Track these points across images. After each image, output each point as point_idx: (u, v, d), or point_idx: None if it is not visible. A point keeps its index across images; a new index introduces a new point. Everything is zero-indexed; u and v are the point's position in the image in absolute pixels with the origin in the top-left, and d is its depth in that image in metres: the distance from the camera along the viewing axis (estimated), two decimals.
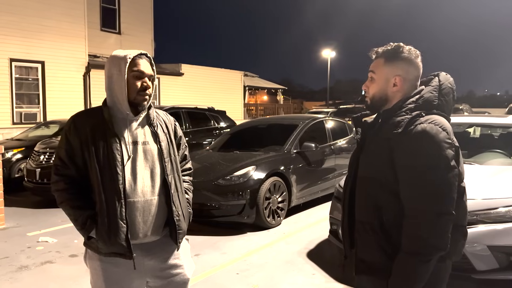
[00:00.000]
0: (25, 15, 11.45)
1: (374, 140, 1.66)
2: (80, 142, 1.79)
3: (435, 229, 1.48)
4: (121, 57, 1.81)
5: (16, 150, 7.95)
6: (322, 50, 34.24)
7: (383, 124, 1.65)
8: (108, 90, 1.85)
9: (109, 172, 1.76)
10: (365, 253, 1.65)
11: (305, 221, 5.69)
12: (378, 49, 1.71)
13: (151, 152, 1.86)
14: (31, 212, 6.27)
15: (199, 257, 4.30)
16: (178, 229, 1.89)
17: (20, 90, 11.67)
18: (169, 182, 1.87)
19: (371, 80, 1.70)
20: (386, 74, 1.66)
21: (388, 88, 1.67)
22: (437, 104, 1.61)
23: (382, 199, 1.59)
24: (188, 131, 8.51)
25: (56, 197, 1.84)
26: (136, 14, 16.00)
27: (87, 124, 1.81)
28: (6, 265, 4.11)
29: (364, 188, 1.65)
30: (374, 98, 1.70)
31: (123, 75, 1.79)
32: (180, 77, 16.74)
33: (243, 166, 5.36)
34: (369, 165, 1.64)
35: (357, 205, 1.68)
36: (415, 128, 1.53)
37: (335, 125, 7.32)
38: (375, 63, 1.70)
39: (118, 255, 1.79)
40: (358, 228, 1.67)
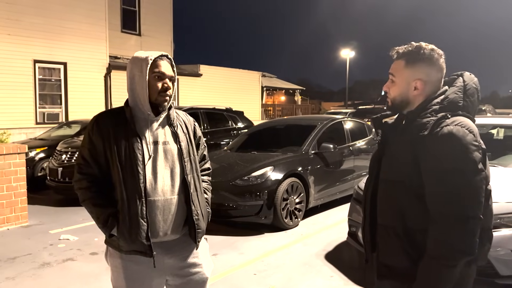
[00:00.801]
0: (48, 17, 11.73)
1: (398, 142, 1.61)
2: (102, 142, 1.83)
3: (463, 233, 1.44)
4: (142, 59, 1.83)
5: (39, 149, 8.16)
6: (341, 50, 33.95)
7: (407, 126, 1.61)
8: (130, 90, 1.87)
9: (130, 171, 1.79)
10: (388, 258, 1.62)
11: (323, 222, 5.65)
12: (398, 49, 1.65)
13: (171, 152, 1.88)
14: (53, 210, 6.41)
15: (217, 257, 4.32)
16: (197, 228, 1.91)
17: (43, 91, 11.96)
18: (188, 181, 1.89)
19: (392, 82, 1.66)
20: (407, 78, 1.62)
21: (409, 92, 1.62)
22: (462, 105, 1.57)
23: (406, 203, 1.55)
24: (206, 131, 8.56)
25: (79, 195, 1.88)
26: (155, 16, 16.20)
27: (110, 124, 1.85)
28: (29, 262, 4.22)
29: (387, 191, 1.61)
30: (395, 100, 1.66)
31: (144, 76, 1.81)
32: (199, 78, 16.86)
33: (260, 167, 5.36)
34: (393, 168, 1.59)
35: (380, 209, 1.65)
36: (441, 131, 1.49)
37: (354, 126, 7.24)
38: (396, 66, 1.65)
39: (138, 253, 1.81)
40: (381, 232, 1.64)
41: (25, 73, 11.42)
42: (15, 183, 5.50)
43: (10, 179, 5.44)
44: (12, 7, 11.02)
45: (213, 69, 17.87)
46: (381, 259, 1.65)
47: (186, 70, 16.86)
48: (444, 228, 1.45)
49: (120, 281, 1.88)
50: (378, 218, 1.65)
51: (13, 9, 11.05)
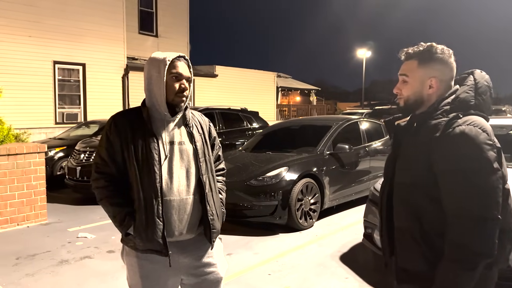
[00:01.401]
0: (68, 19, 11.97)
1: (411, 144, 1.60)
2: (120, 141, 1.85)
3: (480, 235, 1.41)
4: (160, 59, 1.84)
5: (58, 148, 8.32)
6: (357, 49, 33.63)
7: (419, 128, 1.59)
8: (147, 91, 1.89)
9: (147, 171, 1.81)
10: (406, 262, 1.60)
11: (338, 223, 5.61)
12: (408, 49, 1.64)
13: (187, 152, 1.90)
14: (72, 209, 6.53)
15: (232, 257, 4.33)
16: (212, 228, 1.92)
17: (62, 91, 12.20)
18: (204, 181, 1.91)
19: (404, 83, 1.64)
20: (421, 77, 1.60)
21: (423, 91, 1.60)
22: (474, 104, 1.54)
23: (422, 205, 1.53)
24: (221, 131, 8.60)
25: (96, 194, 1.90)
26: (172, 17, 16.35)
27: (127, 124, 1.87)
28: (48, 259, 4.31)
29: (403, 194, 1.59)
30: (408, 101, 1.64)
31: (162, 76, 1.83)
32: (214, 79, 16.95)
33: (275, 167, 5.36)
34: (407, 171, 1.58)
35: (396, 213, 1.63)
36: (453, 131, 1.47)
37: (370, 127, 7.17)
38: (408, 66, 1.63)
39: (154, 252, 1.83)
40: (398, 236, 1.62)
41: (45, 74, 11.66)
42: (35, 182, 5.62)
43: (30, 177, 5.56)
44: (32, 9, 11.28)
45: (229, 70, 17.93)
46: (399, 264, 1.63)
47: (202, 70, 16.97)
48: (461, 230, 1.43)
49: (136, 280, 1.90)
50: (395, 221, 1.63)
51: (34, 11, 11.30)
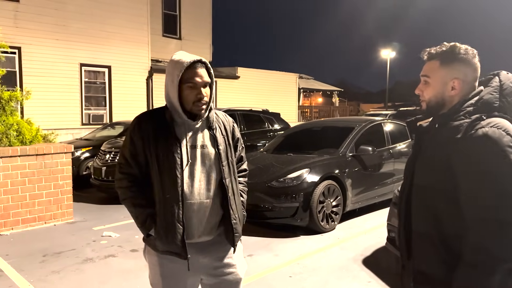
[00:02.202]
0: (94, 23, 12.26)
1: (431, 146, 1.56)
2: (142, 142, 1.86)
3: (501, 239, 1.37)
4: (175, 67, 1.80)
5: (84, 149, 8.52)
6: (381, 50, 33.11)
7: (440, 129, 1.56)
8: (166, 96, 1.89)
9: (169, 175, 1.81)
10: (424, 265, 1.57)
11: (361, 226, 5.53)
12: (430, 49, 1.60)
13: (209, 156, 1.89)
14: (97, 208, 6.67)
15: (252, 258, 4.33)
16: (235, 232, 1.92)
17: (88, 93, 12.50)
18: (226, 185, 1.90)
19: (426, 84, 1.60)
20: (443, 78, 1.56)
21: (445, 92, 1.56)
22: (498, 106, 1.50)
23: (441, 208, 1.50)
24: (243, 133, 8.62)
25: (119, 194, 1.93)
26: (195, 20, 16.53)
27: (151, 125, 1.87)
28: (73, 257, 4.41)
29: (421, 197, 1.56)
30: (430, 102, 1.60)
31: (175, 86, 1.81)
32: (236, 80, 17.02)
33: (296, 169, 5.33)
34: (426, 173, 1.55)
35: (415, 215, 1.60)
36: (475, 133, 1.43)
37: (394, 128, 7.04)
38: (430, 66, 1.59)
39: (173, 254, 1.85)
40: (416, 239, 1.60)
41: (72, 76, 11.98)
42: (62, 181, 5.78)
43: (57, 177, 5.72)
44: (60, 13, 11.61)
45: (250, 71, 17.97)
46: (417, 266, 1.60)
47: (224, 72, 17.07)
48: (481, 234, 1.39)
49: (157, 278, 1.93)
50: (413, 224, 1.61)
51: (61, 15, 11.64)
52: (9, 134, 5.47)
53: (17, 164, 5.34)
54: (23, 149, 5.38)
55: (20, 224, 5.40)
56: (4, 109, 5.62)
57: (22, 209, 5.42)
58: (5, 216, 5.28)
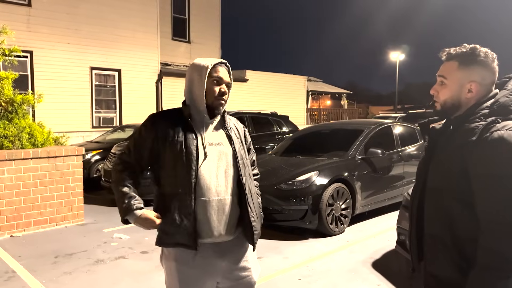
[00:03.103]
0: (105, 26, 12.41)
1: (445, 148, 1.55)
2: (153, 138, 1.89)
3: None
4: (203, 65, 1.93)
5: (95, 151, 8.62)
6: (391, 52, 32.95)
7: (454, 131, 1.55)
8: (188, 93, 1.97)
9: (183, 169, 1.83)
10: (436, 268, 1.56)
11: (370, 230, 5.50)
12: (450, 50, 1.58)
13: (225, 154, 1.93)
14: (107, 210, 6.73)
15: (262, 260, 4.33)
16: (254, 230, 1.94)
17: (99, 96, 12.63)
18: (244, 183, 1.93)
19: (442, 85, 1.59)
20: (460, 80, 1.55)
21: (461, 94, 1.55)
22: None
23: (455, 211, 1.49)
24: (252, 135, 8.63)
25: (112, 175, 2.00)
26: (204, 23, 16.63)
27: (166, 121, 1.92)
28: (84, 258, 4.46)
29: (435, 199, 1.55)
30: (445, 104, 1.59)
31: (203, 79, 1.90)
32: (245, 83, 17.07)
33: (305, 171, 5.33)
34: (441, 175, 1.54)
35: (427, 218, 1.60)
36: (491, 135, 1.42)
37: (404, 131, 7.01)
38: (447, 67, 1.58)
39: (182, 245, 1.84)
40: (429, 242, 1.59)
41: (83, 80, 12.13)
42: (73, 184, 5.85)
43: (68, 179, 5.79)
44: (71, 17, 11.77)
45: (259, 74, 18.01)
46: (428, 269, 1.60)
47: (233, 75, 17.04)
48: (495, 237, 1.38)
49: (174, 284, 1.92)
50: (425, 227, 1.60)
51: (73, 19, 11.80)
52: (21, 137, 5.55)
53: (29, 167, 5.42)
54: (35, 152, 5.46)
55: (32, 226, 5.48)
56: (17, 112, 5.71)
57: (34, 211, 5.49)
58: (18, 217, 5.36)
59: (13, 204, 5.31)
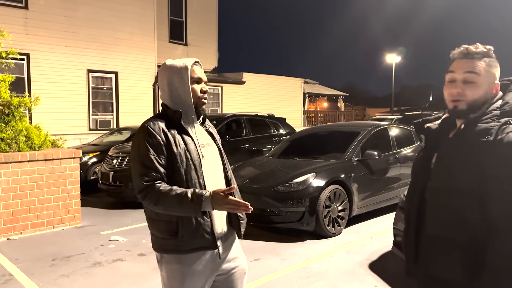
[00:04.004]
0: (102, 29, 12.42)
1: (455, 147, 1.53)
2: (162, 145, 1.83)
3: None
4: (181, 66, 1.92)
5: (92, 154, 8.60)
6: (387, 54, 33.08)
7: (465, 131, 1.52)
8: (171, 97, 1.93)
9: (193, 173, 1.86)
10: (438, 269, 1.54)
11: (367, 231, 5.52)
12: (472, 47, 1.53)
13: (214, 152, 2.02)
14: (104, 212, 6.73)
15: (259, 262, 4.34)
16: (241, 219, 2.01)
17: (96, 99, 12.63)
18: (230, 177, 2.05)
19: (471, 83, 1.52)
20: (490, 79, 1.53)
21: (488, 94, 1.53)
22: None
23: (467, 212, 1.45)
24: (249, 137, 8.66)
25: (149, 201, 1.79)
26: (201, 26, 16.66)
27: (162, 129, 1.87)
28: (82, 261, 4.46)
29: (444, 200, 1.52)
30: (473, 103, 1.52)
31: (186, 82, 1.91)
32: (242, 86, 17.09)
33: (302, 173, 5.35)
34: (451, 175, 1.50)
35: (431, 218, 1.56)
36: (506, 136, 1.42)
37: (400, 133, 7.05)
38: (476, 65, 1.51)
39: (202, 248, 1.86)
40: (431, 243, 1.56)
41: (80, 82, 12.12)
42: (70, 186, 5.84)
43: (65, 182, 5.78)
44: (69, 20, 11.78)
45: (256, 77, 18.05)
46: (429, 271, 1.57)
47: (230, 78, 17.15)
48: (508, 239, 1.37)
49: (176, 286, 1.90)
50: (428, 228, 1.56)
51: (70, 22, 11.81)
52: (18, 140, 5.55)
53: (26, 169, 5.42)
54: (32, 154, 5.46)
55: (29, 229, 5.47)
56: (14, 114, 5.71)
57: (31, 214, 5.48)
58: (14, 220, 5.35)
59: (10, 207, 5.31)
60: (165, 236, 1.85)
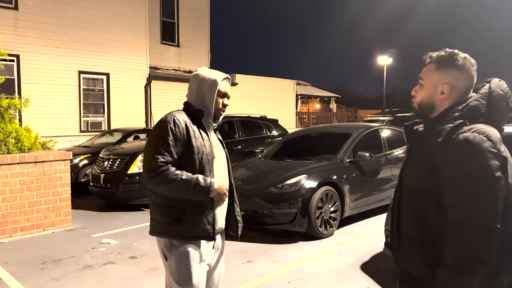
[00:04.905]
0: (93, 30, 12.33)
1: (419, 149, 1.62)
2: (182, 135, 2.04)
3: (477, 242, 1.41)
4: (213, 79, 2.16)
5: (82, 156, 8.54)
6: (379, 56, 33.28)
7: (428, 133, 1.60)
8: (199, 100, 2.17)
9: (205, 166, 2.07)
10: (409, 265, 1.62)
11: (359, 232, 5.55)
12: (432, 53, 1.65)
13: (223, 157, 2.26)
14: (95, 215, 6.67)
15: (251, 264, 4.34)
16: (239, 223, 2.29)
17: (87, 100, 12.53)
18: (232, 183, 2.29)
19: (420, 86, 1.66)
20: (435, 81, 1.61)
21: (435, 96, 1.61)
22: (484, 112, 1.53)
23: (427, 210, 1.54)
24: (241, 139, 8.65)
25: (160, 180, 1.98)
26: (193, 27, 16.62)
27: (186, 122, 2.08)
28: (72, 264, 4.41)
29: (409, 199, 1.62)
30: (421, 104, 1.66)
31: (214, 93, 2.15)
32: (234, 87, 17.08)
33: (295, 175, 5.36)
34: (414, 176, 1.61)
35: (403, 217, 1.66)
36: (457, 137, 1.47)
37: (392, 134, 7.09)
38: (426, 69, 1.65)
39: (203, 237, 2.07)
40: (404, 240, 1.65)
41: (71, 84, 12.02)
42: (60, 189, 5.79)
43: (55, 184, 5.73)
44: (59, 21, 11.68)
45: (248, 78, 18.05)
46: (404, 267, 1.66)
47: None
48: (461, 237, 1.43)
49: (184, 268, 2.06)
50: (401, 226, 1.67)
51: (61, 23, 11.71)
52: (7, 142, 5.48)
53: (16, 172, 5.35)
54: (22, 157, 5.40)
55: (18, 232, 5.40)
56: (3, 116, 5.64)
57: (20, 217, 5.42)
58: (4, 223, 5.28)
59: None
60: (170, 221, 2.04)
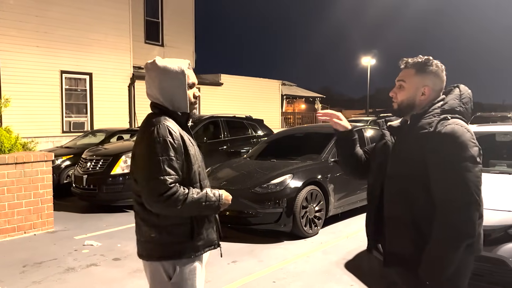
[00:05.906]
0: (76, 30, 12.14)
1: (405, 140, 1.83)
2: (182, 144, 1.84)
3: (465, 217, 1.64)
4: (177, 70, 1.85)
5: (65, 157, 8.41)
6: (362, 57, 33.62)
7: (412, 126, 1.83)
8: (169, 101, 1.87)
9: (202, 172, 1.94)
10: (396, 246, 1.81)
11: (343, 231, 5.60)
12: (408, 59, 1.88)
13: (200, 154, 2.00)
14: (78, 217, 6.58)
15: (236, 264, 4.34)
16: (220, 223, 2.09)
17: (69, 101, 12.33)
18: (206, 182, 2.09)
19: (400, 88, 1.88)
20: (417, 84, 1.85)
21: (416, 96, 1.85)
22: (459, 111, 1.81)
23: (415, 194, 1.75)
24: (227, 139, 8.64)
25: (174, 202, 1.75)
26: (178, 27, 16.51)
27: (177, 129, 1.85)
28: (54, 267, 4.34)
29: (397, 185, 1.80)
30: (402, 104, 1.88)
31: (185, 86, 1.86)
32: (220, 87, 17.05)
33: (280, 175, 5.38)
34: (402, 164, 1.79)
35: (388, 202, 1.84)
36: (444, 128, 1.71)
37: (375, 134, 7.17)
38: (406, 73, 1.87)
39: (213, 245, 1.97)
40: (390, 224, 1.83)
41: (53, 84, 11.81)
42: (42, 190, 5.69)
43: (37, 186, 5.63)
44: (41, 20, 11.46)
45: (234, 78, 18.03)
46: (389, 249, 1.84)
47: (208, 79, 17.07)
48: (448, 213, 1.65)
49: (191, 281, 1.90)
50: (385, 211, 1.84)
51: (42, 22, 11.49)
52: None
53: None
54: (2, 158, 5.28)
55: None
56: None
57: (0, 219, 5.30)
58: None
59: None
60: (182, 239, 1.82)
